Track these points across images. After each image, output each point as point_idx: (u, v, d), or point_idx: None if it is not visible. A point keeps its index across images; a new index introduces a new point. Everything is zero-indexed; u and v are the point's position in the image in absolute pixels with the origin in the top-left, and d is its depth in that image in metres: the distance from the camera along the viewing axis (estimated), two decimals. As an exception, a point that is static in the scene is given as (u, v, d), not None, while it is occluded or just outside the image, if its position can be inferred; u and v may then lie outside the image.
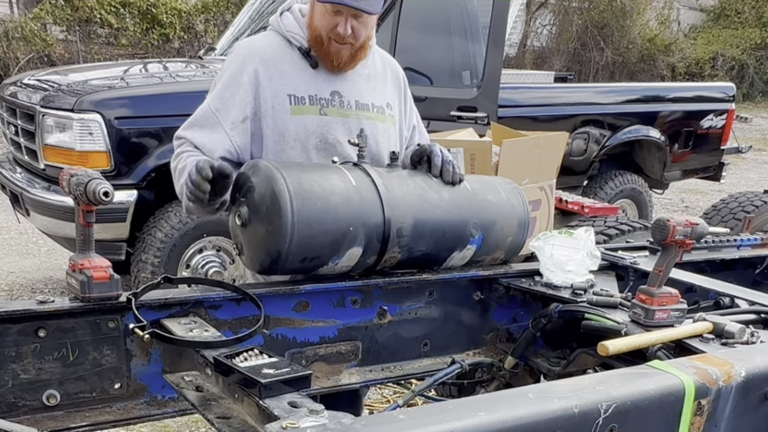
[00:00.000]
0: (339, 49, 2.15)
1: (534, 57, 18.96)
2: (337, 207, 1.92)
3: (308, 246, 1.90)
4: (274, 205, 1.86)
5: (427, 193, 2.13)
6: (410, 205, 2.06)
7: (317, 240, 1.91)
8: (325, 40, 2.14)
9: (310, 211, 1.87)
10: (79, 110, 4.27)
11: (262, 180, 1.90)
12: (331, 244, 1.94)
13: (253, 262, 1.99)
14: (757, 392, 1.56)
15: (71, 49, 12.23)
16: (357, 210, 1.96)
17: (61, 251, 5.53)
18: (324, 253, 1.95)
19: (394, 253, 2.06)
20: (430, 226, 2.11)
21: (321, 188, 1.92)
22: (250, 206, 1.94)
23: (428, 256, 2.17)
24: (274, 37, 2.25)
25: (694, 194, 10.22)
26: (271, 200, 1.87)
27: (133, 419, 1.81)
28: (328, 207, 1.90)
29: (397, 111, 2.40)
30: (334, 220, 1.91)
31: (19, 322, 1.65)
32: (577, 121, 6.14)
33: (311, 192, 1.89)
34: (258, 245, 1.94)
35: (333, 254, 1.96)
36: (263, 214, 1.90)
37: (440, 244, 2.16)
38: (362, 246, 1.98)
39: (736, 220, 4.36)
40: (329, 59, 2.18)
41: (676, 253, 1.88)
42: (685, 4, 23.10)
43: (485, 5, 5.49)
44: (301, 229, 1.86)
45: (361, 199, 1.98)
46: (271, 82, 2.16)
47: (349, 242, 1.95)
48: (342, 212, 1.93)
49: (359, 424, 1.19)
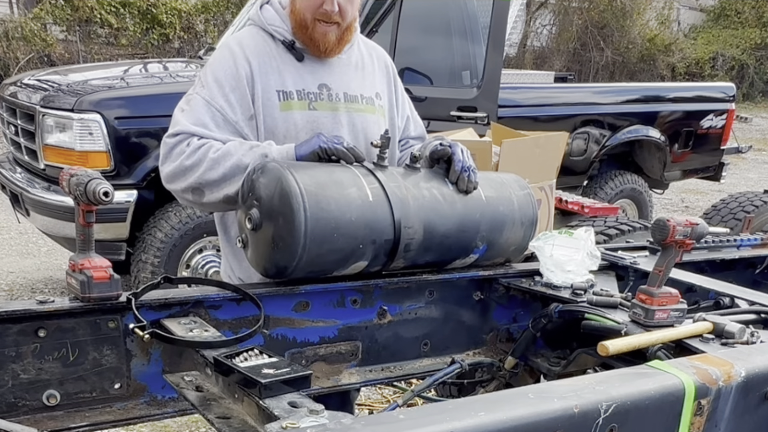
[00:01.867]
0: (326, 31, 2.10)
1: (534, 57, 18.97)
2: (350, 226, 1.89)
3: (316, 262, 1.90)
4: (287, 223, 1.82)
5: (440, 206, 2.08)
6: (422, 219, 2.03)
7: (325, 257, 1.90)
8: (310, 23, 2.09)
9: (324, 231, 1.85)
10: (79, 110, 4.27)
11: (278, 188, 1.84)
12: (339, 260, 1.94)
13: (258, 264, 1.98)
14: (757, 392, 1.56)
15: (71, 49, 12.23)
16: (369, 228, 1.93)
17: (61, 251, 5.53)
18: (330, 267, 1.96)
19: (398, 264, 2.07)
20: (438, 239, 2.09)
21: (337, 206, 1.88)
22: (263, 212, 1.89)
23: (430, 264, 2.18)
24: (257, 33, 2.19)
25: (694, 194, 10.22)
26: (285, 217, 1.83)
27: (133, 419, 1.81)
28: (340, 226, 1.87)
29: (387, 100, 2.35)
30: (345, 239, 1.89)
31: (19, 322, 1.65)
32: (577, 121, 6.14)
33: (327, 212, 1.85)
34: (265, 253, 1.92)
35: (339, 267, 1.96)
36: (275, 227, 1.86)
37: (444, 255, 2.16)
38: (368, 260, 1.98)
39: (736, 220, 4.36)
40: (316, 44, 2.13)
41: (676, 253, 1.88)
42: (685, 4, 23.10)
43: (485, 5, 5.49)
44: (311, 248, 1.84)
45: (375, 216, 1.94)
46: (261, 78, 2.11)
47: (356, 258, 1.95)
48: (353, 231, 1.90)
49: (359, 424, 1.19)
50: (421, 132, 2.50)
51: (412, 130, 2.47)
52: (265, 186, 1.88)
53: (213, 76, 2.12)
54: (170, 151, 2.07)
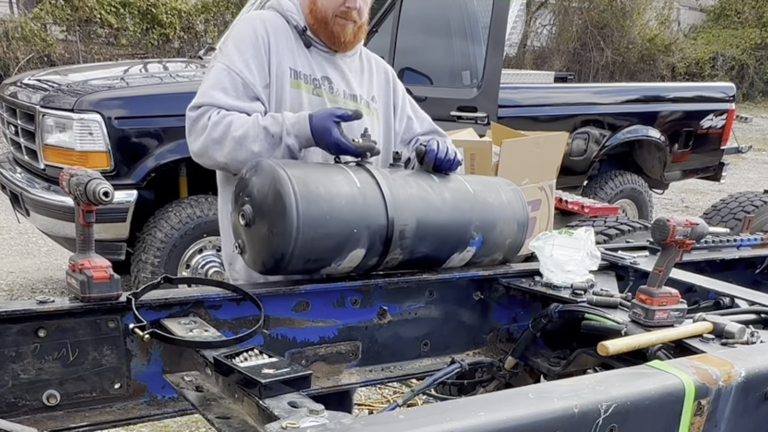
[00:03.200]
0: (344, 24, 2.23)
1: (534, 57, 18.97)
2: (342, 209, 1.92)
3: (312, 248, 1.90)
4: (279, 207, 1.86)
5: (429, 195, 2.13)
6: (413, 208, 2.06)
7: (321, 242, 1.91)
8: (331, 20, 2.22)
9: (315, 213, 1.87)
10: (79, 110, 4.26)
11: (267, 180, 1.90)
12: (335, 247, 1.94)
13: (255, 263, 1.99)
14: (757, 392, 1.56)
15: (71, 49, 12.23)
16: (361, 212, 1.95)
17: (61, 251, 5.53)
18: (327, 256, 1.95)
19: (396, 255, 2.07)
20: (432, 228, 2.11)
21: (326, 190, 1.91)
22: (255, 206, 1.93)
23: (429, 257, 2.18)
24: (274, 14, 2.30)
25: (694, 194, 10.22)
26: (275, 202, 1.86)
27: (133, 419, 1.81)
28: (332, 209, 1.90)
29: (383, 104, 2.43)
30: (338, 222, 1.91)
31: (19, 322, 1.65)
32: (577, 121, 6.14)
33: (317, 194, 1.89)
34: (262, 246, 1.93)
35: (336, 256, 1.96)
36: (268, 216, 1.89)
37: (441, 245, 2.17)
38: (365, 248, 1.98)
39: (736, 220, 4.36)
40: (336, 38, 2.25)
41: (676, 253, 1.88)
42: (685, 4, 23.11)
43: (485, 5, 5.48)
44: (305, 231, 1.86)
45: (365, 201, 1.97)
46: (277, 51, 2.21)
47: (353, 244, 1.95)
48: (346, 215, 1.92)
49: (359, 424, 1.19)
50: (429, 127, 2.54)
51: (418, 128, 2.51)
52: (256, 182, 1.93)
53: (233, 43, 2.21)
54: (193, 125, 2.15)
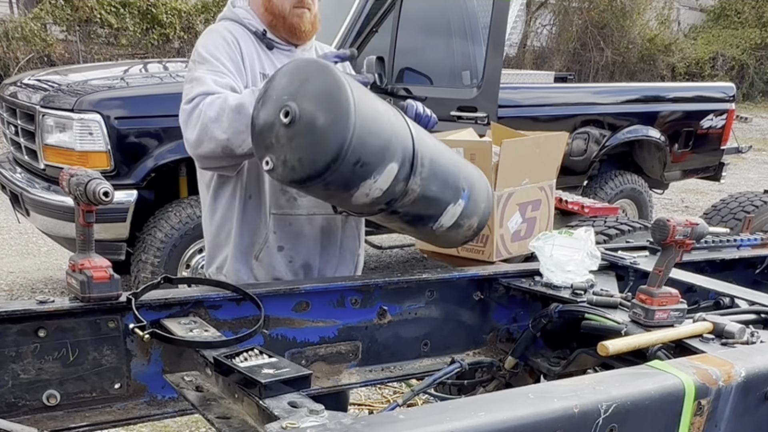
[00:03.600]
0: (302, 13, 2.27)
1: (534, 57, 18.97)
2: (382, 114, 1.92)
3: (363, 145, 1.82)
4: (335, 92, 1.80)
5: (433, 138, 2.18)
6: (426, 143, 2.08)
7: (370, 141, 1.84)
8: (288, 13, 2.26)
9: (365, 108, 1.85)
10: (79, 110, 4.27)
11: (314, 69, 1.88)
12: (379, 150, 1.87)
13: (295, 170, 1.86)
14: (757, 392, 1.56)
15: (71, 49, 12.23)
16: (395, 126, 1.96)
17: (61, 251, 5.53)
18: (373, 160, 1.86)
19: (415, 186, 2.00)
20: (440, 166, 2.10)
21: (366, 93, 1.93)
22: (306, 97, 1.83)
23: (434, 201, 2.10)
24: (232, 24, 2.32)
25: (694, 194, 10.23)
26: (330, 89, 1.81)
27: (133, 419, 1.81)
28: (377, 110, 1.91)
29: None
30: (382, 124, 1.90)
31: (19, 322, 1.65)
32: (577, 121, 6.13)
33: (362, 90, 1.90)
34: (311, 145, 1.81)
35: (378, 164, 1.88)
36: (323, 104, 1.80)
37: (444, 189, 2.12)
38: (399, 163, 1.92)
39: (736, 220, 4.35)
40: (294, 30, 2.29)
41: (676, 253, 1.88)
42: (685, 4, 23.11)
43: (485, 5, 5.48)
44: (359, 124, 1.80)
45: (396, 118, 1.99)
46: (248, 58, 2.24)
47: (391, 155, 1.90)
48: (386, 122, 1.92)
49: (359, 424, 1.19)
50: None
51: None
52: (299, 74, 1.88)
53: (207, 51, 2.19)
54: (189, 116, 2.10)
